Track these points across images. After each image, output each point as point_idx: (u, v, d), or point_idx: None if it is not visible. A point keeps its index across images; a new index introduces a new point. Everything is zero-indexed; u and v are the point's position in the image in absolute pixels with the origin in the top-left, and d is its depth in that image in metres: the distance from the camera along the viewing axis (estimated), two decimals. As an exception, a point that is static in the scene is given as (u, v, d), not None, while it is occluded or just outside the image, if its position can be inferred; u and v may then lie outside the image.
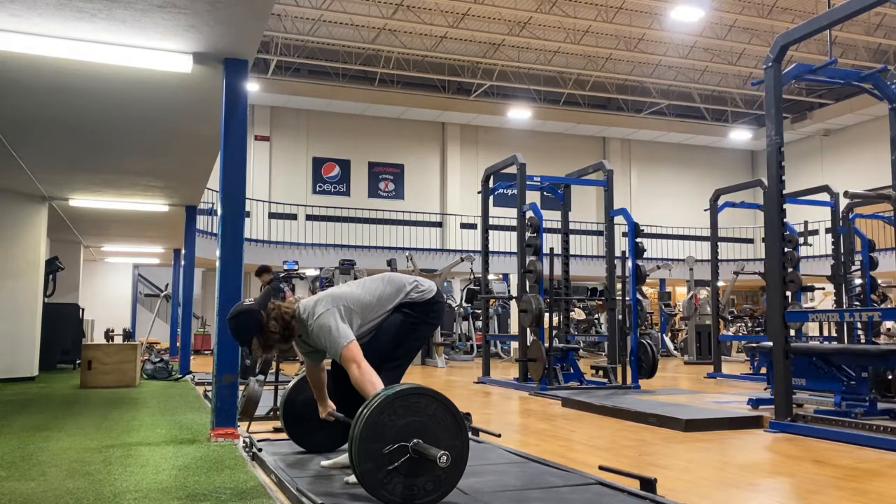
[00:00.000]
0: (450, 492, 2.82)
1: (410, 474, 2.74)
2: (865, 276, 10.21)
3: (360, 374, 3.09)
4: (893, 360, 5.30)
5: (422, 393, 2.81)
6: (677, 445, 4.59)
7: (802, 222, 12.30)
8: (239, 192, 4.69)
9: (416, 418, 2.76)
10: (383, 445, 2.71)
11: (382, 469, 2.71)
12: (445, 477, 2.79)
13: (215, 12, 4.07)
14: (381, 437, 2.72)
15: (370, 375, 3.08)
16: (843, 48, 18.10)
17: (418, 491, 2.75)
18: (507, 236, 16.13)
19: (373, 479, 2.71)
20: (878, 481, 3.57)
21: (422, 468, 2.75)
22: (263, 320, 3.27)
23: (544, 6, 16.34)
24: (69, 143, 6.88)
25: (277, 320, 3.28)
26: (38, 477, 3.39)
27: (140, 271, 20.38)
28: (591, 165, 10.29)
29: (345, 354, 3.16)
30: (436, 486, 2.78)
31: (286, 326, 3.30)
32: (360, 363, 3.12)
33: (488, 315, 10.72)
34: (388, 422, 2.73)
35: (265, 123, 19.46)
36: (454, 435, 2.80)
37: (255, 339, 3.31)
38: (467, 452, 2.83)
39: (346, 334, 3.21)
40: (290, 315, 3.31)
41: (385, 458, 2.71)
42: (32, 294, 9.44)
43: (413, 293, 3.51)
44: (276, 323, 3.28)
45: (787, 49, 5.41)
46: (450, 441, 2.77)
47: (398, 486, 2.72)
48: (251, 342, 3.34)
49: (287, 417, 3.94)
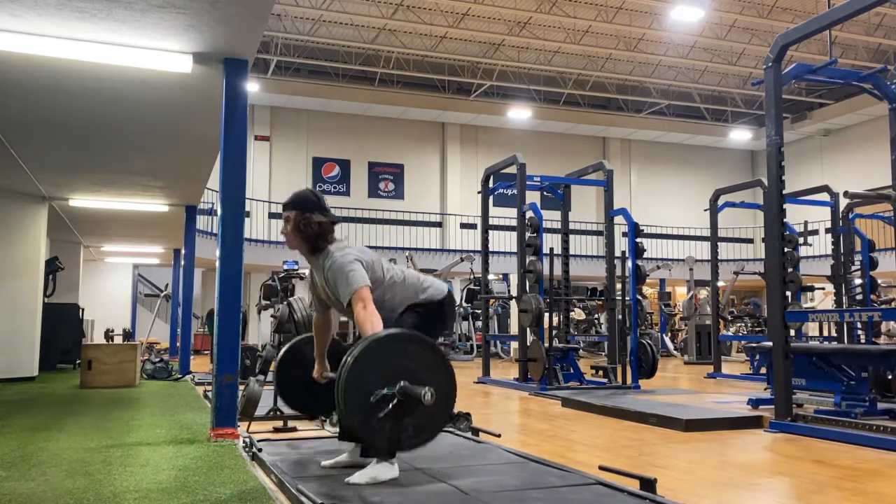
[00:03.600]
0: (439, 431, 2.89)
1: (397, 417, 2.78)
2: (865, 276, 10.21)
3: (364, 314, 3.06)
4: (893, 360, 5.29)
5: (406, 338, 2.88)
6: (677, 445, 4.59)
7: (802, 222, 12.29)
8: (239, 192, 4.69)
9: (400, 362, 2.81)
10: (369, 390, 2.74)
11: (369, 413, 2.74)
12: (433, 417, 2.83)
13: (215, 12, 4.07)
14: (367, 381, 2.75)
15: (373, 317, 3.06)
16: (843, 48, 18.10)
17: (406, 433, 2.80)
18: (507, 236, 16.12)
19: (360, 423, 2.74)
20: (878, 481, 3.57)
21: (409, 410, 2.79)
22: (317, 213, 3.31)
23: (544, 6, 16.34)
24: (69, 143, 6.88)
25: (323, 227, 3.31)
26: (38, 477, 3.39)
27: (140, 271, 20.38)
28: (591, 165, 10.29)
29: (356, 294, 3.13)
30: (423, 427, 2.83)
31: (322, 236, 3.31)
32: (367, 304, 3.10)
33: (488, 315, 10.72)
34: (373, 367, 2.77)
35: (265, 123, 19.46)
36: (439, 374, 2.85)
37: (299, 217, 3.30)
38: (455, 391, 2.89)
39: (363, 279, 3.18)
40: (328, 235, 3.33)
41: (371, 403, 2.74)
42: (32, 294, 9.43)
43: (428, 291, 3.49)
44: (320, 226, 3.30)
45: (787, 49, 5.41)
46: (435, 379, 2.82)
47: (386, 429, 2.76)
48: (301, 212, 3.32)
49: (281, 373, 3.91)
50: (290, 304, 5.12)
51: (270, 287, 10.59)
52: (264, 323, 14.69)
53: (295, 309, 5.08)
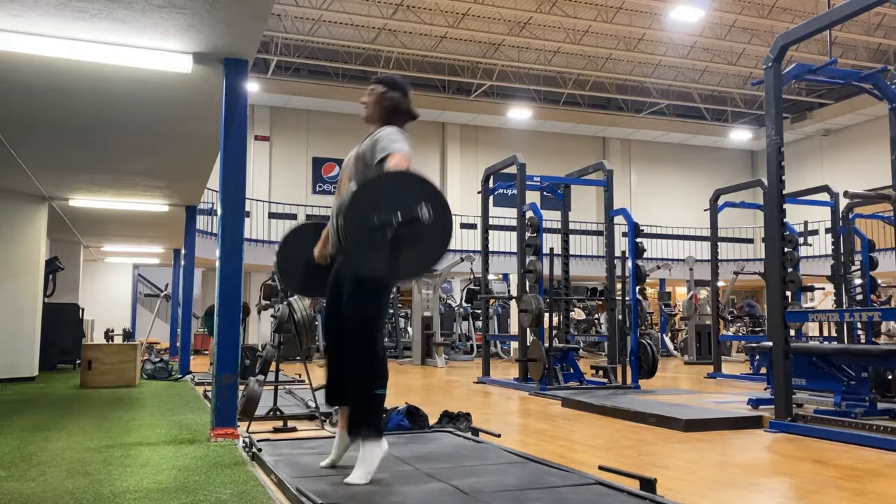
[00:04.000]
0: (435, 261, 3.01)
1: (395, 246, 2.86)
2: (865, 276, 10.21)
3: (400, 161, 3.16)
4: (893, 360, 5.29)
5: (404, 175, 3.01)
6: (677, 445, 4.59)
7: (802, 222, 12.30)
8: (239, 192, 4.68)
9: (400, 195, 2.91)
10: (368, 218, 2.84)
11: (369, 239, 2.84)
12: (430, 245, 2.94)
13: (215, 12, 4.07)
14: (367, 210, 2.85)
15: (406, 164, 3.16)
16: (843, 48, 18.10)
17: (405, 262, 2.90)
18: (507, 236, 16.13)
19: (361, 249, 2.85)
20: (878, 481, 3.57)
21: (406, 241, 2.88)
22: (400, 94, 3.48)
23: (544, 6, 16.34)
24: (69, 143, 6.87)
25: (401, 105, 3.46)
26: (38, 477, 3.39)
27: (140, 271, 20.38)
28: (591, 165, 10.29)
29: (398, 153, 3.20)
30: (421, 255, 2.94)
31: (397, 113, 3.45)
32: (403, 162, 3.17)
33: (488, 315, 10.72)
34: (374, 197, 2.89)
35: (265, 123, 19.46)
36: (439, 208, 2.93)
37: (385, 91, 3.45)
38: (451, 225, 3.01)
39: (407, 151, 3.27)
40: (402, 114, 3.47)
41: (370, 230, 2.83)
42: (32, 294, 9.43)
43: None
44: (398, 105, 3.45)
45: (787, 49, 5.41)
46: (436, 213, 2.91)
47: (385, 255, 2.86)
48: (389, 89, 3.46)
49: (284, 253, 3.94)
50: (290, 304, 5.11)
51: (270, 287, 10.59)
52: (264, 323, 14.69)
53: (295, 309, 5.07)
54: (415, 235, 2.89)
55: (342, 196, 3.39)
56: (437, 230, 2.94)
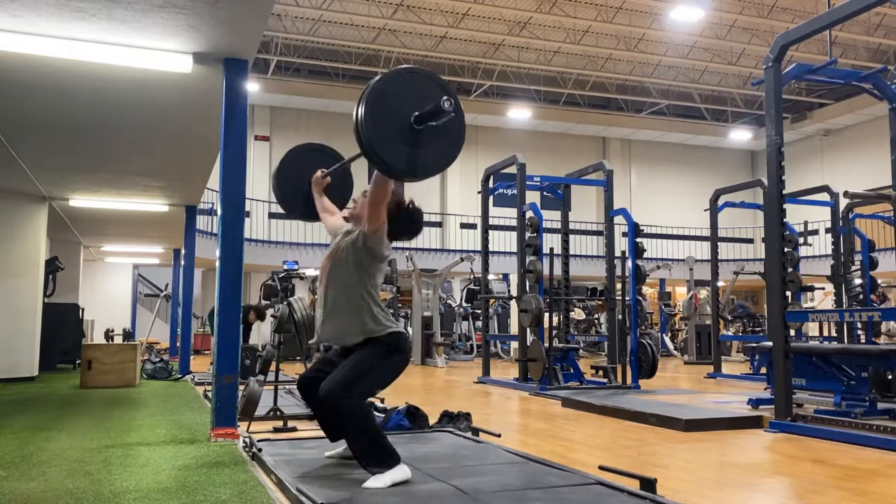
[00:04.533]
0: (453, 158, 2.99)
1: (415, 144, 2.88)
2: (865, 276, 10.21)
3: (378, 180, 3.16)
4: (893, 360, 5.30)
5: (419, 72, 3.01)
6: (677, 445, 4.59)
7: (802, 222, 12.30)
8: (239, 192, 4.68)
9: (419, 89, 2.91)
10: (387, 116, 2.84)
11: (391, 136, 2.84)
12: (445, 145, 2.95)
13: (215, 12, 4.07)
14: (385, 109, 2.85)
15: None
16: (843, 48, 18.10)
17: (425, 157, 2.91)
18: (507, 236, 16.12)
19: (382, 145, 2.83)
20: (878, 481, 3.57)
21: (424, 139, 2.89)
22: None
23: (544, 6, 16.34)
24: (69, 143, 6.87)
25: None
26: (38, 477, 3.39)
27: (140, 271, 20.38)
28: (591, 165, 10.29)
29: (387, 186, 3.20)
30: (437, 159, 2.95)
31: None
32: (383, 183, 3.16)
33: (488, 315, 10.72)
34: (394, 96, 2.88)
35: (265, 123, 19.46)
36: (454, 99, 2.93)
37: None
38: (464, 124, 3.01)
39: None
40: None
41: (390, 126, 2.84)
42: (32, 294, 9.43)
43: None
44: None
45: (787, 49, 5.41)
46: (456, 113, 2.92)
47: (403, 152, 2.86)
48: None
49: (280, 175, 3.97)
50: (290, 304, 5.11)
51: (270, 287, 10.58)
52: (264, 323, 14.69)
53: (295, 309, 5.08)
54: (437, 129, 2.90)
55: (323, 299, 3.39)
56: (456, 125, 2.96)
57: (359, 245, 3.32)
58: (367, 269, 3.34)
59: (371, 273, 3.35)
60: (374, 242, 3.30)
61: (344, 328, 3.32)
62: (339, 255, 3.39)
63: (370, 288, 3.34)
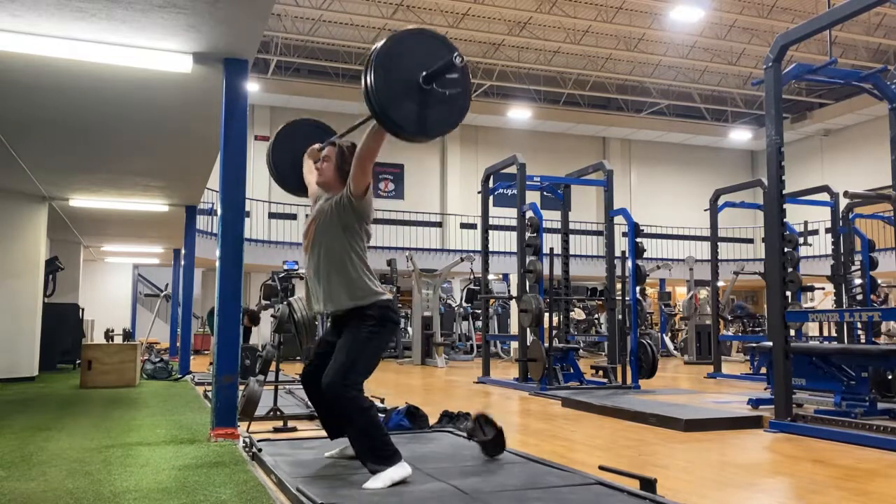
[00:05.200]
0: (461, 116, 2.99)
1: (423, 104, 2.89)
2: (865, 276, 10.21)
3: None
4: (893, 360, 5.29)
5: (426, 32, 3.03)
6: (677, 445, 4.59)
7: (802, 222, 12.30)
8: (239, 192, 4.69)
9: (428, 47, 2.92)
10: (396, 76, 2.85)
11: (397, 96, 2.85)
12: (454, 103, 2.95)
13: (215, 12, 4.07)
14: (393, 69, 2.86)
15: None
16: (843, 48, 18.10)
17: (434, 115, 2.92)
18: (507, 236, 16.12)
19: (390, 102, 2.84)
20: (878, 481, 3.57)
21: (433, 99, 2.90)
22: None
23: (544, 6, 16.34)
24: (69, 143, 6.87)
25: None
26: (38, 477, 3.39)
27: (140, 271, 20.38)
28: (591, 165, 10.29)
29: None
30: (448, 116, 2.95)
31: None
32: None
33: (488, 315, 10.72)
34: (404, 53, 2.90)
35: (265, 123, 19.45)
36: (461, 57, 2.94)
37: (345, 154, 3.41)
38: (471, 83, 3.03)
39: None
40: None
41: (399, 86, 2.85)
42: (32, 294, 9.43)
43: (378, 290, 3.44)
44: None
45: (787, 49, 5.41)
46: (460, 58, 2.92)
47: (413, 112, 2.87)
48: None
49: (276, 149, 3.98)
50: (290, 304, 5.10)
51: (270, 287, 10.60)
52: (264, 323, 14.69)
53: (295, 309, 5.07)
54: (446, 86, 2.91)
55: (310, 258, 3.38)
56: (464, 82, 2.97)
57: (344, 205, 3.29)
58: (354, 229, 3.31)
59: (359, 234, 3.33)
60: (360, 201, 3.27)
61: (332, 292, 3.29)
62: (324, 219, 3.35)
63: (358, 250, 3.32)
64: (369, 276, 3.32)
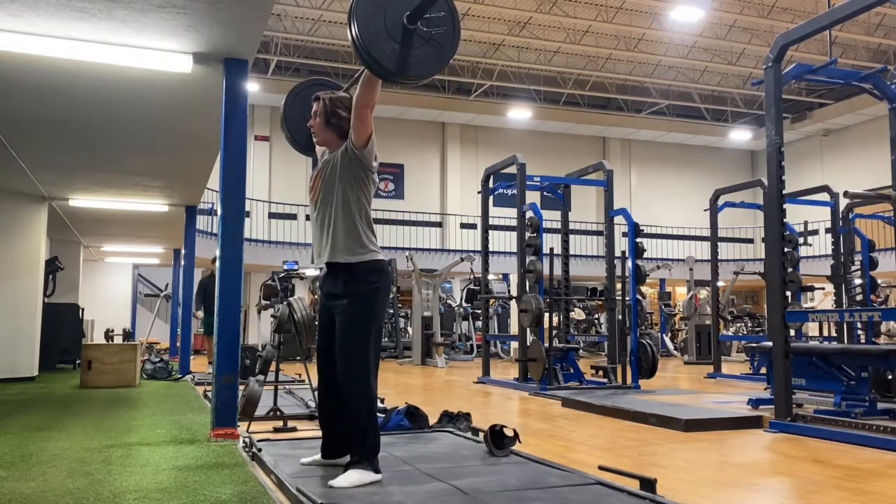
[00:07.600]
0: (447, 60, 2.97)
1: (407, 44, 2.86)
2: (865, 276, 10.21)
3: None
4: (893, 360, 5.29)
5: None
6: (677, 445, 4.59)
7: (802, 222, 12.29)
8: (239, 193, 4.68)
9: None
10: (377, 14, 2.81)
11: (378, 34, 2.81)
12: (439, 45, 2.93)
13: (215, 12, 4.07)
14: (375, 8, 2.82)
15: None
16: (843, 48, 18.10)
17: (415, 58, 2.88)
18: (507, 236, 16.13)
19: (370, 41, 2.80)
20: (878, 481, 3.57)
21: (416, 41, 2.87)
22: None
23: (544, 6, 16.34)
24: (69, 143, 6.87)
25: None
26: (38, 477, 3.39)
27: (140, 271, 20.38)
28: (591, 165, 10.29)
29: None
30: (430, 57, 2.93)
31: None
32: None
33: (488, 315, 10.72)
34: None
35: (265, 123, 19.46)
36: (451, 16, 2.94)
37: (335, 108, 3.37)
38: (459, 26, 3.01)
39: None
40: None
41: (381, 23, 2.81)
42: (32, 294, 9.43)
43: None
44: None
45: (787, 49, 5.41)
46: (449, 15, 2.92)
47: (394, 50, 2.84)
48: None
49: (288, 112, 3.97)
50: (290, 304, 5.11)
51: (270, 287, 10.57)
52: (264, 323, 14.69)
53: (295, 309, 5.07)
54: (432, 24, 2.89)
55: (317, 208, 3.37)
56: (449, 23, 2.95)
57: (349, 157, 3.29)
58: (361, 180, 3.30)
59: (365, 184, 3.32)
60: (362, 152, 3.27)
61: (335, 244, 3.29)
62: (329, 171, 3.35)
63: (363, 201, 3.32)
64: (369, 232, 3.32)
